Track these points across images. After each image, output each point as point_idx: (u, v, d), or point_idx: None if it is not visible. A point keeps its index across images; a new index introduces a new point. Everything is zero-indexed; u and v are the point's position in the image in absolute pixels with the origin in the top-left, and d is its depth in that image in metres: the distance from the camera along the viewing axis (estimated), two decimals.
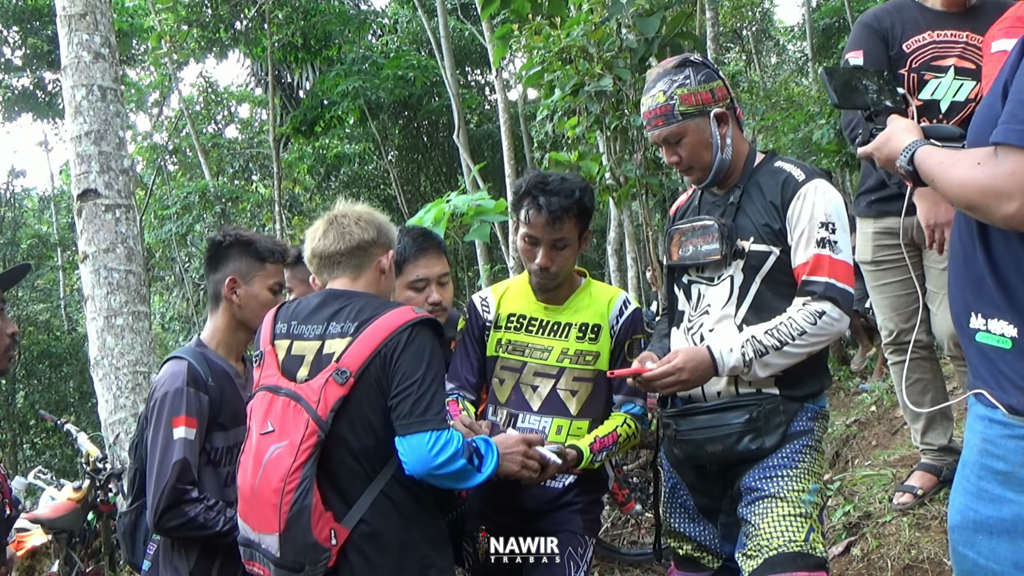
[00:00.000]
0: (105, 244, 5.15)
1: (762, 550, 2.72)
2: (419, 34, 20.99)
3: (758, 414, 2.85)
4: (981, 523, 1.91)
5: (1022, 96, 1.71)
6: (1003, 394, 1.87)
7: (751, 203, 2.94)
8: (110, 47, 5.35)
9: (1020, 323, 1.84)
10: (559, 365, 3.24)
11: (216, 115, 25.02)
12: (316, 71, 20.98)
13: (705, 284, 3.01)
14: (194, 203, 20.47)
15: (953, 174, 1.89)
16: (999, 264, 1.88)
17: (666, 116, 2.92)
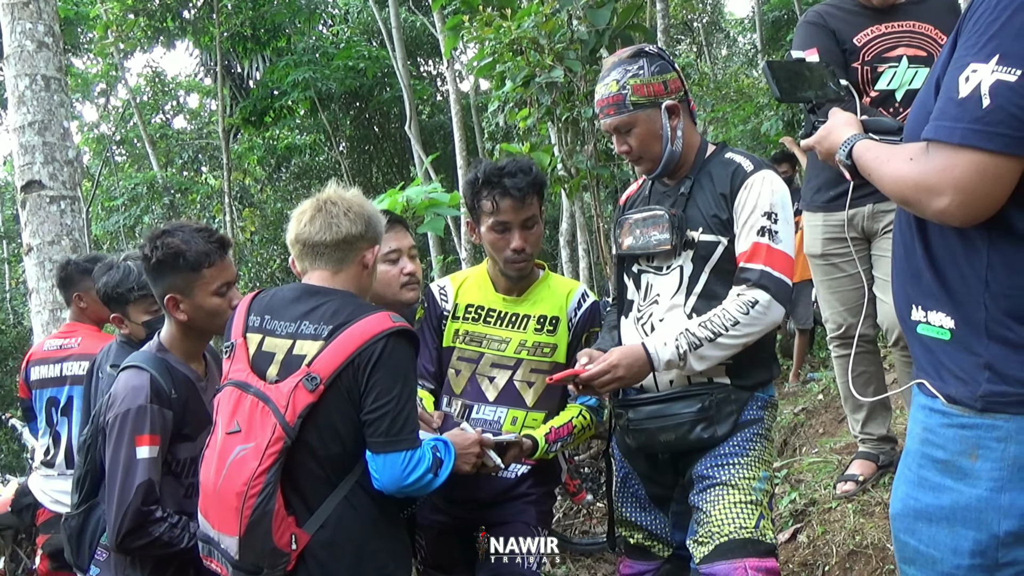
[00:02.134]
0: (50, 236, 5.10)
1: (713, 536, 2.76)
2: (370, 24, 20.86)
3: (710, 403, 2.89)
4: (921, 511, 1.94)
5: (952, 93, 1.74)
6: (943, 384, 1.90)
7: (701, 194, 2.97)
8: (54, 36, 5.28)
9: (957, 315, 1.87)
10: (517, 356, 3.27)
11: (164, 105, 24.73)
12: (266, 61, 20.76)
13: (654, 274, 3.04)
14: (142, 194, 20.25)
15: (888, 169, 1.92)
16: (936, 257, 1.92)
17: (618, 105, 2.95)
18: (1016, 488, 1.80)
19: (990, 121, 1.67)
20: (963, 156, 1.71)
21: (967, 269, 1.85)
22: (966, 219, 1.77)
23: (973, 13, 1.77)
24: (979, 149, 1.69)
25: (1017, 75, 1.66)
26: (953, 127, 1.72)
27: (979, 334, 1.83)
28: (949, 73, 1.78)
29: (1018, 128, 1.66)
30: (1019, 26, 1.67)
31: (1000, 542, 1.83)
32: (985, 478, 1.83)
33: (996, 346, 1.81)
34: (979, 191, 1.72)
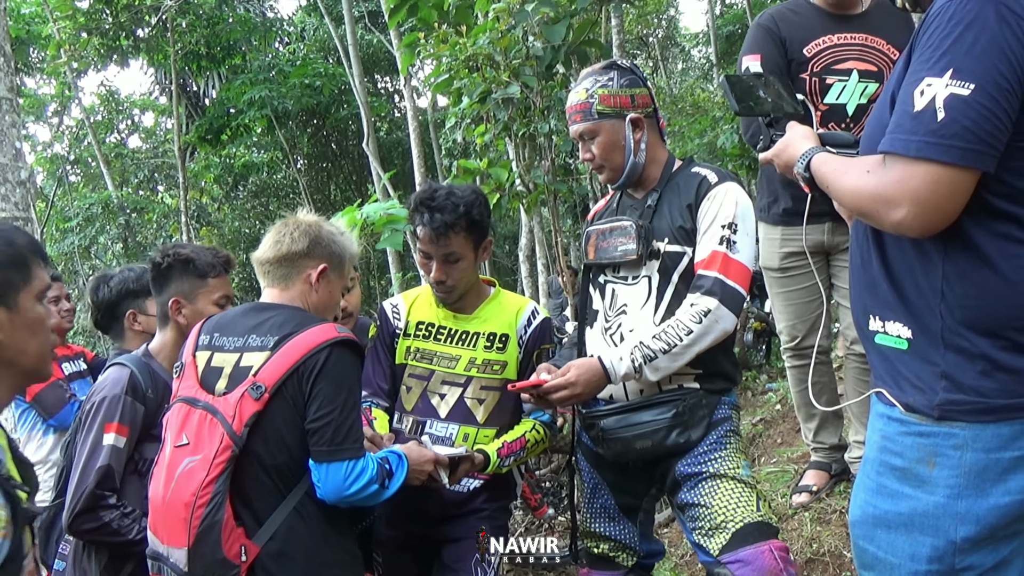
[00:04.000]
0: None
1: (726, 525, 2.78)
2: (326, 42, 20.82)
3: (683, 408, 2.91)
4: (880, 517, 1.96)
5: (907, 107, 1.76)
6: (900, 392, 1.92)
7: (668, 206, 3.00)
8: (5, 56, 5.23)
9: (914, 325, 1.90)
10: (467, 374, 3.27)
11: (119, 124, 24.49)
12: (222, 79, 20.67)
13: (621, 284, 3.06)
14: (97, 214, 20.02)
15: (845, 182, 1.94)
16: (893, 268, 1.95)
17: (584, 112, 3.01)
18: (972, 495, 1.83)
19: (945, 134, 1.70)
20: (919, 168, 1.73)
21: (923, 280, 1.88)
22: (923, 230, 1.80)
23: (926, 29, 1.80)
24: (935, 161, 1.72)
25: (970, 89, 1.69)
26: (909, 140, 1.74)
27: (936, 344, 1.86)
28: (904, 87, 1.80)
29: (972, 141, 1.69)
30: (970, 42, 1.70)
31: (957, 548, 1.85)
32: (942, 485, 1.85)
33: (952, 355, 1.83)
34: (935, 203, 1.74)
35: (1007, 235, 1.80)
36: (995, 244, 1.80)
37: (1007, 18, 1.70)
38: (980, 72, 1.70)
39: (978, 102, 1.69)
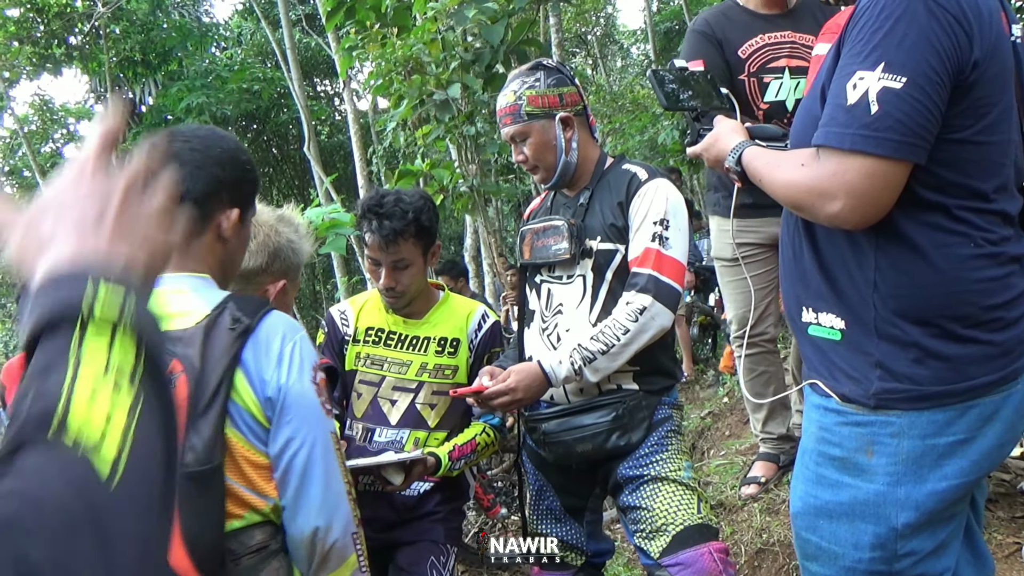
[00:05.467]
0: None
1: (666, 528, 2.78)
2: (264, 46, 20.66)
3: (623, 411, 2.91)
4: (821, 508, 1.98)
5: (839, 100, 1.77)
6: (836, 383, 1.94)
7: (600, 204, 3.00)
8: None
9: (847, 316, 1.92)
10: (418, 379, 3.25)
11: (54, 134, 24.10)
12: (158, 86, 20.46)
13: (557, 283, 3.05)
14: None
15: (779, 175, 1.95)
16: (825, 259, 1.96)
17: (514, 115, 3.00)
18: (911, 481, 1.86)
19: (879, 127, 1.72)
20: (854, 161, 1.75)
21: (855, 271, 1.90)
22: (858, 223, 1.82)
23: (856, 22, 1.81)
24: (869, 154, 1.73)
25: (903, 82, 1.71)
26: (843, 133, 1.76)
27: (869, 333, 1.88)
28: (836, 81, 1.82)
29: (905, 133, 1.71)
30: (901, 35, 1.72)
31: (898, 534, 1.88)
32: (881, 473, 1.88)
33: (886, 345, 1.86)
34: (870, 195, 1.76)
35: (936, 225, 1.82)
36: (925, 234, 1.82)
37: (935, 12, 1.72)
38: (911, 65, 1.71)
39: (910, 95, 1.71)
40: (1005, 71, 1.84)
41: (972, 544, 2.08)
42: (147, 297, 1.05)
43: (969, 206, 1.83)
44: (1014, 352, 1.85)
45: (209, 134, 2.08)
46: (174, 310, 1.87)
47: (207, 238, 1.99)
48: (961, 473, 1.85)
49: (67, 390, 0.82)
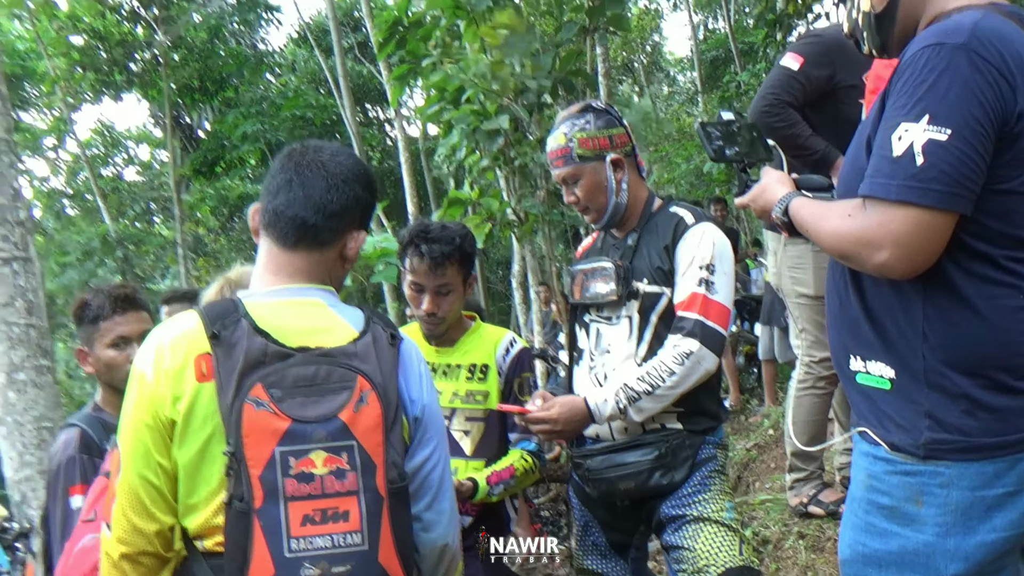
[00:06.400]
0: (4, 298, 5.01)
1: (709, 568, 2.78)
2: (317, 73, 20.93)
3: (666, 450, 2.91)
4: (870, 556, 1.96)
5: (885, 151, 1.78)
6: (885, 432, 1.93)
7: (647, 247, 3.01)
8: (1, 96, 5.24)
9: (896, 364, 1.90)
10: (451, 406, 3.28)
11: (114, 158, 24.61)
12: (215, 112, 20.81)
13: (604, 324, 3.06)
14: (95, 248, 20.04)
15: (825, 225, 1.95)
16: (873, 309, 1.95)
17: (565, 157, 3.01)
18: (960, 532, 1.84)
19: (924, 178, 1.72)
20: (900, 211, 1.75)
21: (904, 321, 1.89)
22: (905, 272, 1.81)
23: (900, 75, 1.82)
24: (915, 205, 1.73)
25: (947, 134, 1.71)
26: (889, 184, 1.76)
27: (919, 383, 1.86)
28: (881, 132, 1.82)
29: (950, 184, 1.71)
30: (945, 88, 1.73)
31: None
32: (931, 523, 1.86)
33: (936, 395, 1.84)
34: (916, 245, 1.76)
35: (984, 276, 1.81)
36: (973, 285, 1.82)
37: (979, 65, 1.73)
38: (956, 118, 1.72)
39: (955, 147, 1.71)
40: None
41: None
42: None
43: (1016, 256, 1.82)
44: None
45: (345, 151, 2.10)
46: (316, 324, 1.90)
47: (332, 253, 2.00)
48: (1010, 525, 1.83)
49: None
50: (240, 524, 1.72)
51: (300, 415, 1.76)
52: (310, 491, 1.74)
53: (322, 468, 1.75)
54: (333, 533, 1.75)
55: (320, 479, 1.75)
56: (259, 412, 1.74)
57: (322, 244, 1.98)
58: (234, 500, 1.72)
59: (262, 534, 1.71)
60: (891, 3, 2.01)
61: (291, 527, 1.72)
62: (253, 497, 1.72)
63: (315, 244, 1.97)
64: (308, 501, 1.74)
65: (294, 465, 1.74)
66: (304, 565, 1.71)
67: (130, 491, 1.79)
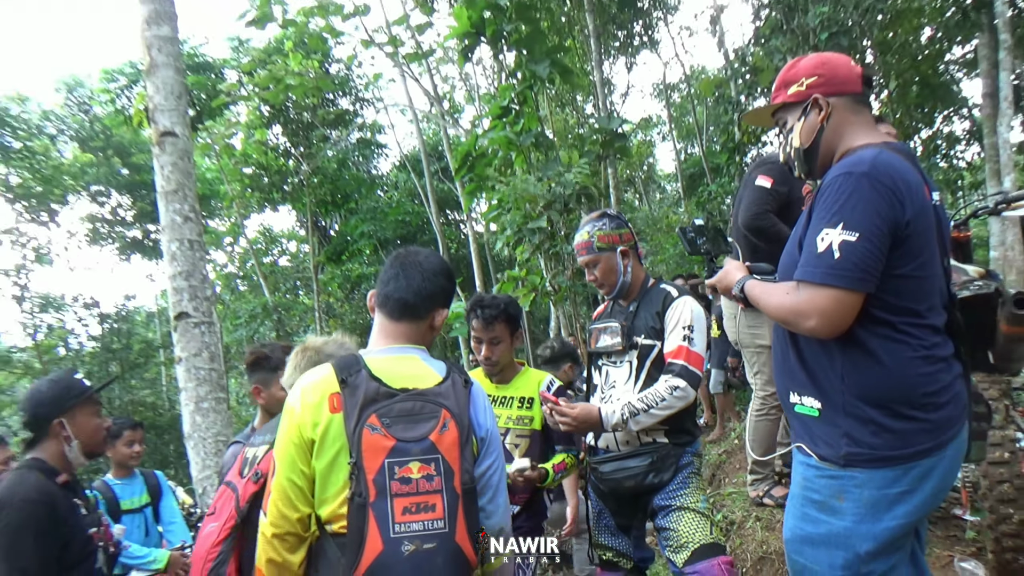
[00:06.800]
0: (194, 350, 5.10)
1: (688, 544, 2.79)
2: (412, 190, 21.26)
3: (657, 458, 2.94)
4: (805, 537, 1.94)
5: (812, 248, 1.82)
6: (815, 447, 1.92)
7: (643, 311, 3.05)
8: (195, 212, 5.37)
9: (822, 399, 1.90)
10: (505, 426, 3.35)
11: (272, 250, 25.02)
12: (341, 217, 21.15)
13: (612, 366, 3.10)
14: (258, 314, 20.34)
15: (770, 300, 1.98)
16: (805, 359, 1.96)
17: (587, 249, 3.10)
18: (870, 520, 1.82)
19: (840, 267, 1.76)
20: (823, 291, 1.79)
21: (828, 368, 1.89)
22: (828, 334, 1.83)
23: (823, 194, 1.85)
24: (834, 287, 1.77)
25: (856, 236, 1.75)
26: (815, 271, 1.80)
27: (839, 412, 1.86)
28: (809, 235, 1.86)
29: (858, 272, 1.75)
30: (853, 204, 1.77)
31: (861, 559, 1.84)
32: (849, 514, 1.85)
33: (851, 420, 1.84)
34: (835, 315, 1.79)
35: (885, 336, 1.82)
36: (877, 342, 1.82)
37: (877, 188, 1.77)
38: (862, 225, 1.75)
39: (862, 246, 1.75)
40: (929, 226, 1.85)
41: (916, 564, 2.00)
42: None
43: (909, 321, 1.83)
44: (944, 427, 1.82)
45: (434, 254, 2.19)
46: (414, 372, 1.96)
47: (424, 324, 2.08)
48: (907, 515, 1.81)
49: None
50: (359, 513, 1.78)
51: (402, 436, 1.83)
52: (408, 490, 1.81)
53: (417, 474, 1.82)
54: (424, 520, 1.80)
55: (415, 481, 1.81)
56: (374, 435, 1.82)
57: (418, 318, 2.06)
58: (355, 496, 1.79)
59: (374, 520, 1.77)
60: (815, 142, 2.04)
61: (395, 515, 1.78)
62: (369, 494, 1.78)
63: (413, 318, 2.06)
64: (407, 497, 1.80)
65: (397, 472, 1.81)
66: (404, 542, 1.78)
67: (280, 489, 1.87)
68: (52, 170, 18.78)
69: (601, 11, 15.87)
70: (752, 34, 12.95)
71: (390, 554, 1.76)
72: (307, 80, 11.09)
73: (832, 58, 2.06)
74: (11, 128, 17.79)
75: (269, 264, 23.96)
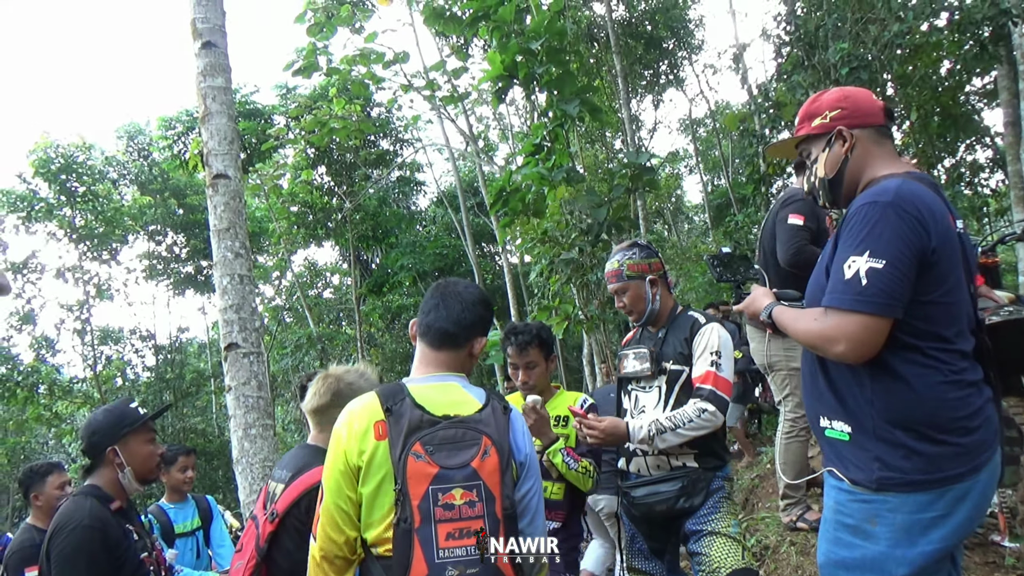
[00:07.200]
0: (243, 379, 5.14)
1: (720, 569, 2.72)
2: (450, 224, 21.45)
3: (687, 482, 2.88)
4: (839, 562, 1.89)
5: (839, 276, 1.80)
6: (846, 471, 1.88)
7: (672, 338, 3.02)
8: (246, 249, 5.46)
9: (852, 423, 1.86)
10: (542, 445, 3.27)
11: (316, 283, 25.33)
12: (382, 251, 21.36)
13: (641, 391, 3.06)
14: (303, 344, 20.56)
15: (800, 326, 1.95)
16: (835, 384, 1.92)
17: (618, 277, 3.09)
18: (905, 544, 1.77)
19: (868, 294, 1.73)
20: (851, 317, 1.76)
21: (857, 392, 1.86)
22: (857, 359, 1.80)
23: (848, 222, 1.83)
24: (862, 312, 1.74)
25: (883, 263, 1.73)
26: (843, 297, 1.78)
27: (869, 437, 1.82)
28: (835, 262, 1.83)
29: (886, 298, 1.72)
30: (879, 231, 1.75)
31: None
32: (883, 538, 1.79)
33: (882, 445, 1.80)
34: (864, 340, 1.76)
35: (913, 360, 1.79)
36: (906, 367, 1.79)
37: (903, 216, 1.74)
38: (888, 252, 1.73)
39: (888, 272, 1.72)
40: (955, 253, 1.82)
41: None
42: None
43: (937, 347, 1.79)
44: (976, 451, 1.77)
45: (472, 285, 2.19)
46: (455, 399, 1.95)
47: (464, 352, 2.07)
48: (942, 539, 1.76)
49: None
50: (405, 539, 1.77)
51: (445, 463, 1.82)
52: (451, 516, 1.79)
53: (460, 500, 1.80)
54: (467, 545, 1.79)
55: (458, 508, 1.80)
56: (419, 463, 1.81)
57: (458, 346, 2.06)
58: (400, 522, 1.78)
59: (419, 546, 1.76)
60: (839, 172, 2.03)
61: (439, 541, 1.77)
62: (414, 520, 1.77)
63: (454, 346, 2.06)
64: (450, 523, 1.79)
65: (441, 498, 1.80)
66: (448, 568, 1.76)
67: (328, 514, 1.87)
68: (113, 212, 19.27)
69: (628, 53, 15.98)
70: (774, 70, 12.93)
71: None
72: (350, 123, 11.27)
73: (854, 92, 2.05)
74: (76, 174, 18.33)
75: (314, 297, 24.26)
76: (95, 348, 20.21)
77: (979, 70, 13.06)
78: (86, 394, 19.37)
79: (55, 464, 4.37)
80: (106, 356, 21.64)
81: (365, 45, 9.08)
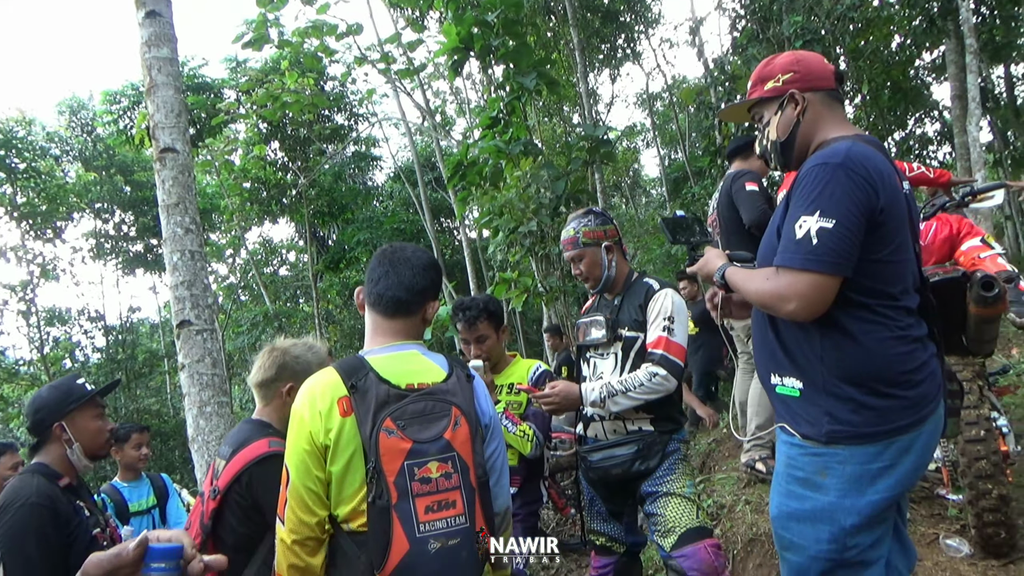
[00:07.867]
0: (197, 357, 5.06)
1: (675, 528, 2.76)
2: (407, 199, 21.26)
3: (643, 445, 2.92)
4: (791, 514, 1.94)
5: (791, 236, 1.82)
6: (797, 426, 1.92)
7: (627, 305, 3.04)
8: (196, 224, 5.34)
9: (803, 379, 1.91)
10: (500, 411, 3.34)
11: (272, 260, 24.93)
12: (339, 228, 21.10)
13: (599, 358, 3.08)
14: (259, 322, 20.25)
15: (751, 286, 1.98)
16: (785, 341, 1.96)
17: (573, 244, 3.09)
18: (853, 495, 1.82)
19: (818, 253, 1.76)
20: (802, 276, 1.79)
21: (807, 349, 1.90)
22: (807, 317, 1.83)
23: (799, 183, 1.86)
24: (812, 271, 1.77)
25: (833, 223, 1.75)
26: (794, 257, 1.80)
27: (819, 392, 1.87)
28: (787, 223, 1.86)
29: (835, 257, 1.75)
30: (830, 192, 1.77)
31: (846, 532, 1.84)
32: (832, 489, 1.85)
33: (831, 399, 1.84)
34: (814, 298, 1.79)
35: (862, 318, 1.83)
36: (855, 323, 1.83)
37: (852, 176, 1.77)
38: (838, 212, 1.76)
39: (838, 232, 1.75)
40: (902, 213, 1.86)
41: (899, 538, 2.01)
42: None
43: (884, 304, 1.84)
44: (921, 404, 1.83)
45: (420, 249, 2.16)
46: (417, 368, 1.95)
47: (418, 318, 2.06)
48: (889, 489, 1.82)
49: None
50: (383, 516, 1.76)
51: (418, 437, 1.82)
52: (429, 489, 1.80)
53: (436, 473, 1.81)
54: (447, 517, 1.80)
55: (435, 480, 1.81)
56: (391, 438, 1.80)
57: (412, 313, 2.05)
58: (376, 499, 1.77)
59: (399, 522, 1.76)
60: (791, 135, 2.06)
61: (418, 515, 1.77)
62: (391, 496, 1.77)
63: (407, 313, 2.04)
64: (428, 496, 1.79)
65: (417, 472, 1.80)
66: (430, 541, 1.77)
67: (297, 496, 1.83)
68: (57, 189, 18.65)
69: (585, 26, 15.93)
70: (730, 44, 13.03)
71: (417, 553, 1.75)
72: (303, 98, 11.06)
73: (806, 55, 2.08)
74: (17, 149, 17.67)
75: (269, 274, 23.88)
76: (41, 329, 19.65)
77: (928, 44, 13.34)
78: (33, 377, 18.87)
79: (8, 445, 4.26)
80: (53, 338, 21.05)
81: (317, 17, 8.89)
